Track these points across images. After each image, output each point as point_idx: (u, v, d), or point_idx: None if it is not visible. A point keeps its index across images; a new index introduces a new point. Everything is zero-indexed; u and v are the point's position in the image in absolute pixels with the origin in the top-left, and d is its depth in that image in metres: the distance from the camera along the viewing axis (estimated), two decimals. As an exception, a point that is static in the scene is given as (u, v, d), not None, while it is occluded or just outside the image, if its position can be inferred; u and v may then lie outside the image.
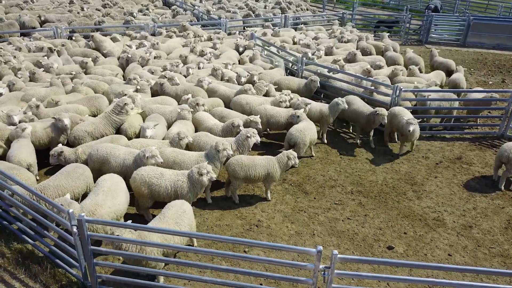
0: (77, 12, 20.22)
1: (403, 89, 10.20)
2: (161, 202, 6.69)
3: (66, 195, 6.05)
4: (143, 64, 12.54)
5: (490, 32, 20.17)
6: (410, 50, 15.29)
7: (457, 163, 9.63)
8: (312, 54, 13.54)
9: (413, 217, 7.67)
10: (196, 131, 8.90)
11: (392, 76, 12.18)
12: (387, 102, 10.45)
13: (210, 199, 7.84)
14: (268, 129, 10.23)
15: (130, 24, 18.46)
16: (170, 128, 8.71)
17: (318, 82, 11.22)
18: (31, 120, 8.65)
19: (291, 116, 9.28)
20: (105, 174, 6.80)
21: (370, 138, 10.24)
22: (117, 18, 19.75)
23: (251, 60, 13.72)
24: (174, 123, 8.89)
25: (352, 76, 11.50)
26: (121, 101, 8.65)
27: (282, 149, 8.56)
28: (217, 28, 18.87)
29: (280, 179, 8.48)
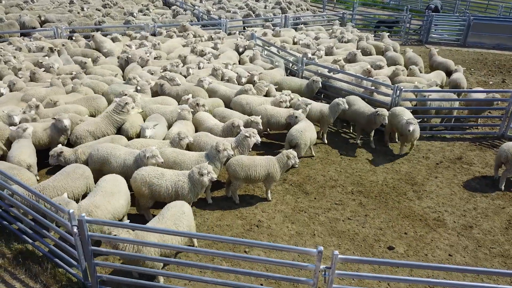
0: (77, 12, 20.22)
1: (404, 89, 10.21)
2: (162, 202, 6.68)
3: (64, 195, 6.05)
4: (143, 65, 12.51)
5: (490, 32, 20.18)
6: (410, 50, 15.28)
7: (458, 163, 9.63)
8: (312, 54, 13.53)
9: (414, 217, 7.67)
10: (197, 131, 8.89)
11: (393, 76, 12.18)
12: (388, 102, 10.45)
13: (211, 199, 7.83)
14: (269, 129, 10.23)
15: (130, 24, 18.45)
16: (171, 128, 8.70)
17: (320, 83, 11.23)
18: (33, 120, 8.65)
19: (289, 117, 9.28)
20: (107, 175, 6.77)
21: (371, 138, 10.23)
22: (117, 18, 19.74)
23: (251, 60, 13.72)
24: (175, 123, 8.89)
25: (353, 76, 11.49)
26: (122, 101, 8.65)
27: (283, 149, 8.54)
28: (217, 28, 18.87)
29: (281, 179, 8.48)
